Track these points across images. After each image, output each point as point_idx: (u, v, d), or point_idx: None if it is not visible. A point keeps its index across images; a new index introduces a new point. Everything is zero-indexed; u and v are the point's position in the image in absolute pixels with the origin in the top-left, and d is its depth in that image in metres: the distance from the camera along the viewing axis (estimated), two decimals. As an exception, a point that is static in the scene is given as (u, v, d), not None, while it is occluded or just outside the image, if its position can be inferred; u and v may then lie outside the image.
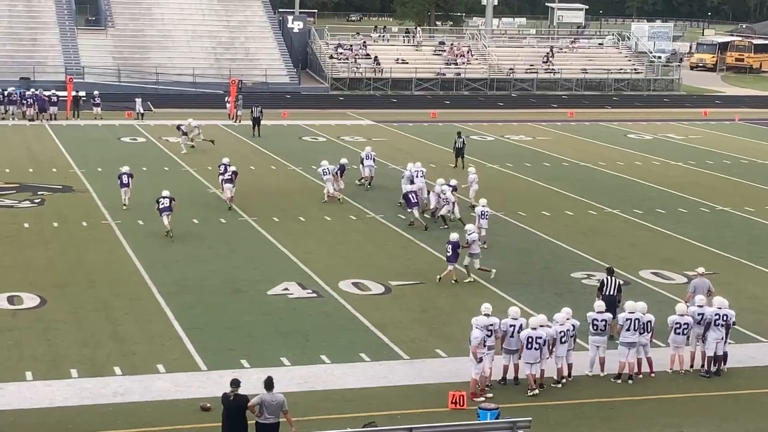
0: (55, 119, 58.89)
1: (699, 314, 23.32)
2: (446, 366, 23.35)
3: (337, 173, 39.96)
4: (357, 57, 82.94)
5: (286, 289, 28.70)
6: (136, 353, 23.50)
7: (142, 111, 60.84)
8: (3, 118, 58.61)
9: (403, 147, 53.00)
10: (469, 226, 30.96)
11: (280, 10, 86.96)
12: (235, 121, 61.28)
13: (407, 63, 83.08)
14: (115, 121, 59.53)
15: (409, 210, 36.39)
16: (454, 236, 29.88)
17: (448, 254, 29.56)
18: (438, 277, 29.60)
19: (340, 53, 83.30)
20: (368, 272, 30.46)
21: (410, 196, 36.25)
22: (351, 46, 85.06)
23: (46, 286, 28.14)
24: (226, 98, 64.58)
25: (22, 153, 47.71)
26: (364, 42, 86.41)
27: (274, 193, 41.12)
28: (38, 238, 33.41)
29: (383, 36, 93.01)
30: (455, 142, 47.67)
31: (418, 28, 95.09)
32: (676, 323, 23.16)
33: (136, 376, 22.19)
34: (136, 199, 37.75)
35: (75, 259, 31.22)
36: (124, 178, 37.37)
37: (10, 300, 26.88)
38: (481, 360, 21.45)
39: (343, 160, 41.51)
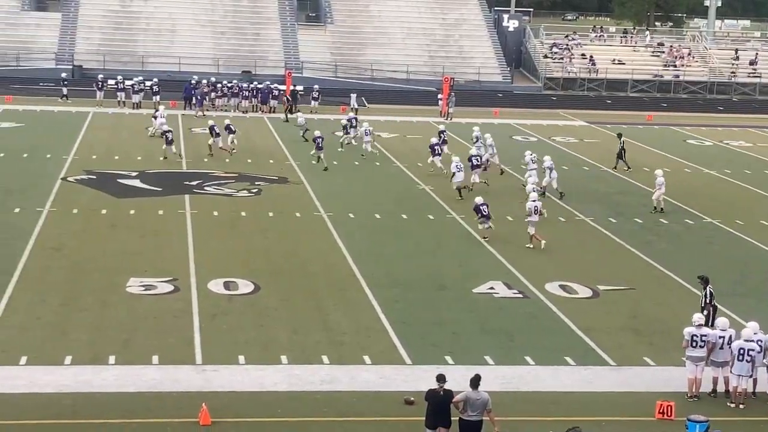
0: (274, 112, 60.70)
1: None
2: (654, 374, 22.82)
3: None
4: (572, 57, 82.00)
5: (492, 288, 28.65)
6: (344, 343, 23.95)
7: (356, 106, 61.94)
8: (225, 110, 60.73)
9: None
10: (532, 194, 33.75)
11: (495, 8, 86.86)
12: (447, 119, 61.66)
13: (623, 64, 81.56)
14: (330, 116, 60.81)
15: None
16: (479, 199, 33.95)
17: (485, 213, 33.17)
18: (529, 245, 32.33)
19: (555, 52, 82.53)
20: (576, 275, 30.08)
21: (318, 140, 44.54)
22: (566, 45, 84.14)
23: (261, 274, 29.03)
24: (439, 95, 65.05)
25: (242, 144, 49.25)
26: (579, 42, 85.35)
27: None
28: (254, 227, 34.50)
29: (600, 36, 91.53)
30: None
31: (647, 33, 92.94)
32: None
33: (343, 365, 22.59)
34: (347, 196, 38.49)
35: (288, 248, 32.09)
36: (232, 127, 46.13)
37: (227, 285, 27.84)
38: None
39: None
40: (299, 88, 65.16)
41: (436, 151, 43.77)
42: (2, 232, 32.09)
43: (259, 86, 62.73)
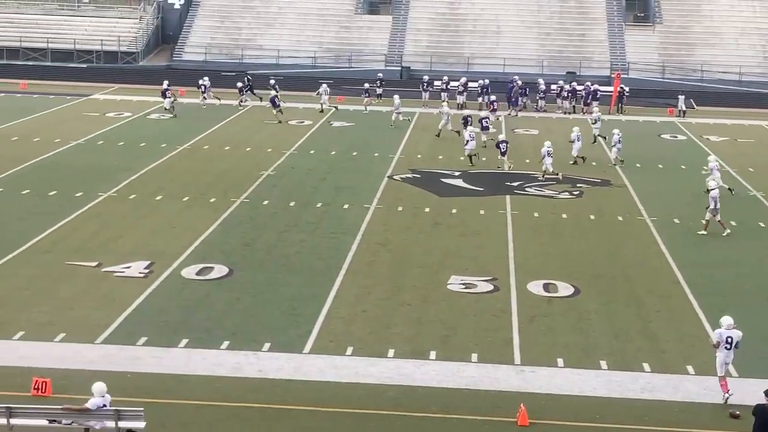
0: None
1: None
2: None
3: None
4: None
5: (827, 301, 27.08)
6: (665, 351, 23.31)
7: (684, 108, 60.18)
8: (547, 111, 60.52)
9: None
10: (711, 183, 34.09)
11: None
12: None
13: None
14: (656, 118, 59.45)
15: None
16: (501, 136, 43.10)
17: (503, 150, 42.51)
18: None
19: None
20: None
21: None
22: None
23: (582, 277, 28.76)
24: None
25: (563, 146, 48.86)
26: None
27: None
28: (575, 229, 34.21)
29: None
30: None
31: None
32: None
33: (665, 374, 22.01)
34: (672, 200, 37.48)
35: (610, 252, 31.60)
36: (503, 147, 43.71)
37: (546, 287, 27.77)
38: None
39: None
40: (626, 88, 64.00)
41: (469, 122, 48.03)
42: (332, 227, 33.50)
43: (578, 87, 62.12)
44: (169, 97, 56.18)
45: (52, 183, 38.26)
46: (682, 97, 60.85)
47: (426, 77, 64.15)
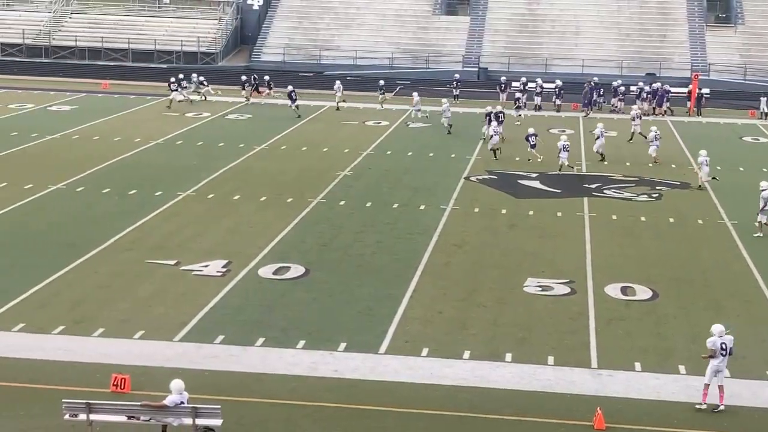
0: (672, 114, 59.13)
1: None
2: None
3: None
4: None
5: None
6: (745, 357, 22.86)
7: (766, 110, 59.13)
8: (622, 112, 59.85)
9: None
10: (763, 183, 33.25)
11: None
12: None
13: None
14: (737, 120, 58.54)
15: None
16: (531, 130, 44.92)
17: (533, 143, 44.13)
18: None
19: None
20: None
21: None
22: None
23: (660, 280, 28.43)
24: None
25: (640, 148, 48.35)
26: None
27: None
28: (654, 232, 33.82)
29: None
30: None
31: None
32: None
33: (745, 380, 21.66)
34: (755, 203, 36.89)
35: (689, 255, 31.19)
36: (531, 140, 44.52)
37: (624, 291, 27.50)
38: None
39: None
40: (705, 91, 63.12)
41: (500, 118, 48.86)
42: (409, 228, 33.52)
43: (657, 88, 61.37)
44: (175, 89, 56.73)
45: (132, 182, 38.83)
46: (764, 99, 59.78)
47: (503, 78, 63.89)
